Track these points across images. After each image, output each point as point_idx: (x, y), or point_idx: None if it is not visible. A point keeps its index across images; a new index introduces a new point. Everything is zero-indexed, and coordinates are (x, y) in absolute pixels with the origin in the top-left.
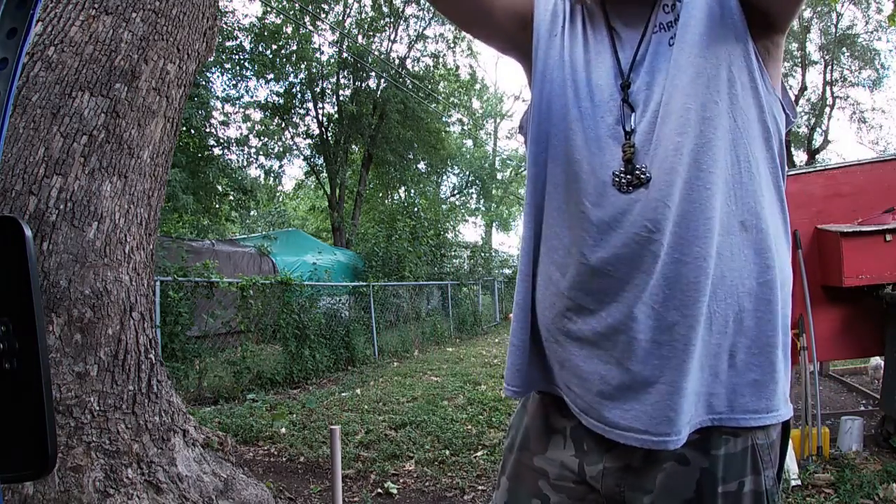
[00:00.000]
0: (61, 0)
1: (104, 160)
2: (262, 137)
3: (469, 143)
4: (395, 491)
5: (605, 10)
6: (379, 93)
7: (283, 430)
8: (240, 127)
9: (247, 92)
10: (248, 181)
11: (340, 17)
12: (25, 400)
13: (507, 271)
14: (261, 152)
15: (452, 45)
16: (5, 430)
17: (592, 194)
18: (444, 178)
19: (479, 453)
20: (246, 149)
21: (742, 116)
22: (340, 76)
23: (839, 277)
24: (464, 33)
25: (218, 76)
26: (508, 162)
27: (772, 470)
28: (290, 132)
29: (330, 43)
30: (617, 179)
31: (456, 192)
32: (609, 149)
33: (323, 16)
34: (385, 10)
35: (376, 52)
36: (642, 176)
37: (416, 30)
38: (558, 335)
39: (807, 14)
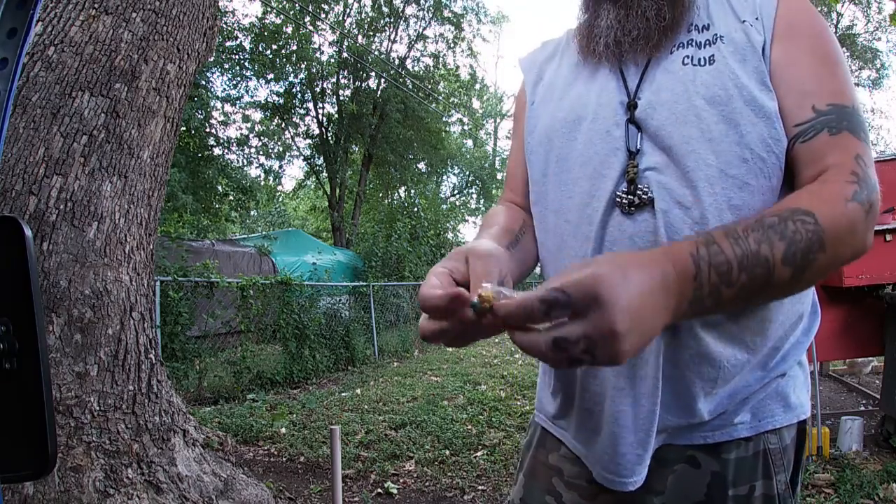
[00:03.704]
0: (61, 0)
1: (104, 160)
2: (262, 137)
3: (469, 143)
4: (395, 491)
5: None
6: (379, 93)
7: (283, 430)
8: (240, 127)
9: (247, 92)
10: (248, 181)
11: (340, 17)
12: (25, 400)
13: None
14: (261, 152)
15: (452, 45)
16: (5, 430)
17: (599, 217)
18: (444, 178)
19: (479, 453)
20: (246, 149)
21: (732, 122)
22: (340, 76)
23: (839, 277)
24: (464, 34)
25: (218, 76)
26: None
27: (784, 474)
28: (290, 132)
29: (330, 43)
30: (619, 200)
31: (456, 192)
32: (612, 166)
33: (323, 16)
34: (385, 10)
35: (376, 52)
36: (644, 196)
37: (416, 30)
38: None
39: None
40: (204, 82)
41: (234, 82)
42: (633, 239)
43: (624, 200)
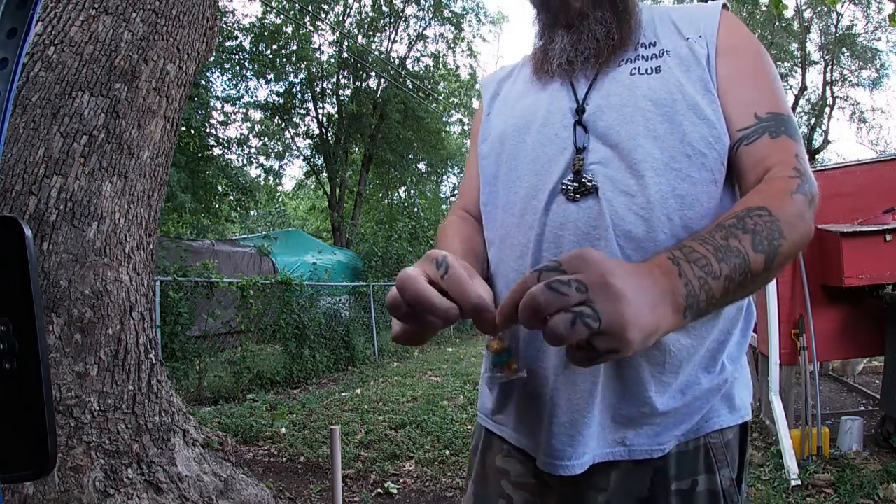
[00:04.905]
0: (61, 0)
1: (104, 160)
2: (262, 137)
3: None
4: (395, 491)
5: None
6: (379, 93)
7: (283, 430)
8: (240, 127)
9: (247, 92)
10: (248, 181)
11: (340, 17)
12: (25, 400)
13: None
14: (261, 152)
15: (452, 45)
16: (5, 430)
17: (542, 206)
18: (444, 178)
19: None
20: (246, 149)
21: (676, 122)
22: (340, 76)
23: (839, 277)
24: (464, 34)
25: (218, 76)
26: None
27: (728, 469)
28: (290, 132)
29: (330, 43)
30: (564, 188)
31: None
32: (558, 163)
33: (323, 16)
34: (385, 10)
35: (376, 52)
36: (588, 184)
37: (416, 30)
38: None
39: (807, 14)
40: (204, 82)
41: (234, 82)
42: (577, 224)
43: (569, 188)
